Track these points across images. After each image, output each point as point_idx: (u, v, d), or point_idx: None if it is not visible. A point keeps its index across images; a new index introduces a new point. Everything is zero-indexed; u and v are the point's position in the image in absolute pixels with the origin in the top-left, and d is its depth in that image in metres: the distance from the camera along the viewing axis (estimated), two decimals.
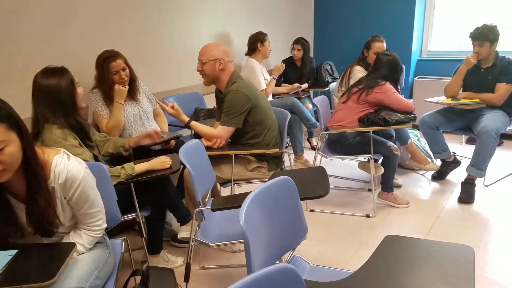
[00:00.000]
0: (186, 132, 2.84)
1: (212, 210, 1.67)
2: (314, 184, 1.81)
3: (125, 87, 2.45)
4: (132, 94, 2.57)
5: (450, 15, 4.74)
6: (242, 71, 3.75)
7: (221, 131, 2.36)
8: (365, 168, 3.12)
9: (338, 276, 1.23)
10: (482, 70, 3.12)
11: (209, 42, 2.47)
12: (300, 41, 4.14)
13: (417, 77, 4.71)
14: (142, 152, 2.34)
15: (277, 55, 4.39)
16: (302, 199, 1.56)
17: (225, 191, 2.73)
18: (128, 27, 2.95)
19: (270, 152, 2.37)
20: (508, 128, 3.12)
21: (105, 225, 1.54)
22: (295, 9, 4.92)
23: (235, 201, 1.66)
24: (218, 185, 2.56)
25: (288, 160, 3.06)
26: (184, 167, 2.24)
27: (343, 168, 3.78)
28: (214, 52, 2.36)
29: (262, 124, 2.40)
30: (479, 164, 2.94)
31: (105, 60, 2.40)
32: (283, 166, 2.54)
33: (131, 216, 2.02)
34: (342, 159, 3.26)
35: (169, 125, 2.84)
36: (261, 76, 3.71)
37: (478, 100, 3.10)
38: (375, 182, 3.20)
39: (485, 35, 2.96)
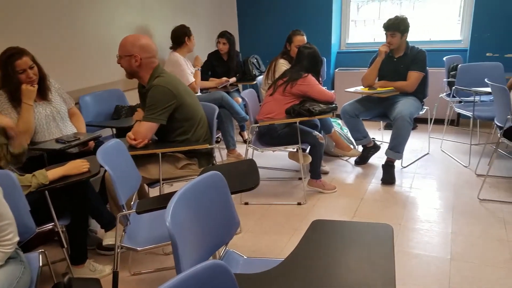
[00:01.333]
0: (106, 132, 2.67)
1: (137, 213, 1.59)
2: (244, 177, 1.80)
3: (33, 86, 2.23)
4: (42, 93, 2.35)
5: (365, 8, 5.04)
6: (165, 66, 3.62)
7: (142, 127, 2.22)
8: (295, 157, 3.21)
9: (270, 265, 1.24)
10: (395, 59, 3.37)
11: (130, 35, 2.29)
12: (225, 35, 4.10)
13: (337, 69, 4.95)
14: (56, 156, 2.15)
15: (201, 49, 4.31)
16: (232, 193, 1.55)
17: (155, 192, 2.63)
18: (35, 21, 2.68)
19: (199, 148, 2.31)
20: (420, 113, 3.41)
21: (17, 239, 1.40)
22: (218, 3, 4.88)
23: (162, 202, 1.59)
24: (146, 186, 2.45)
25: (219, 155, 3.03)
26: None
27: (274, 159, 3.86)
28: (129, 47, 2.21)
29: (190, 120, 2.33)
30: (396, 148, 3.18)
31: (9, 58, 2.16)
32: (214, 162, 2.51)
33: (48, 226, 1.85)
34: (273, 151, 3.32)
35: (87, 125, 2.65)
36: (187, 69, 3.62)
37: (392, 88, 3.34)
38: (304, 170, 3.30)
39: (396, 26, 3.19)
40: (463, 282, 2.00)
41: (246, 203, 2.99)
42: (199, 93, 3.78)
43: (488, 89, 3.06)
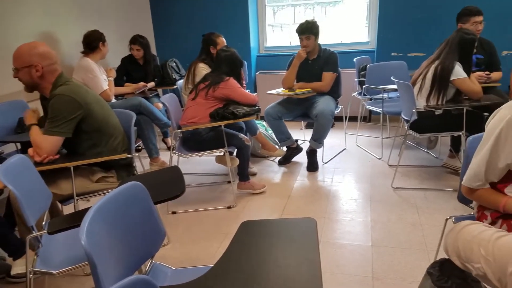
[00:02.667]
0: (9, 148, 2.39)
1: (49, 233, 1.43)
2: (168, 185, 1.73)
3: None
4: None
5: (281, 13, 5.21)
6: (75, 71, 3.37)
7: (45, 142, 2.02)
8: (222, 161, 3.19)
9: (200, 273, 1.20)
10: (310, 62, 3.53)
11: (23, 44, 2.06)
12: (137, 40, 3.90)
13: (258, 72, 5.05)
14: None
15: (114, 53, 4.08)
16: (156, 202, 1.47)
17: (69, 209, 2.41)
18: None
19: (116, 159, 2.16)
20: (336, 111, 3.60)
21: None
22: (130, 6, 4.69)
23: (75, 219, 1.46)
24: (59, 203, 2.24)
25: (141, 165, 2.89)
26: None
27: (201, 164, 3.80)
28: (26, 57, 2.00)
29: (100, 131, 2.16)
30: (319, 139, 3.44)
31: None
32: (135, 172, 2.38)
33: None
34: (199, 156, 3.26)
35: None
36: (100, 76, 3.40)
37: (310, 89, 3.49)
38: (233, 173, 3.30)
39: (310, 29, 3.34)
40: (384, 265, 2.15)
41: (174, 212, 2.89)
42: (114, 100, 3.58)
43: (395, 86, 3.34)
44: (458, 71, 2.77)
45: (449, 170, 3.29)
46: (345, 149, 3.99)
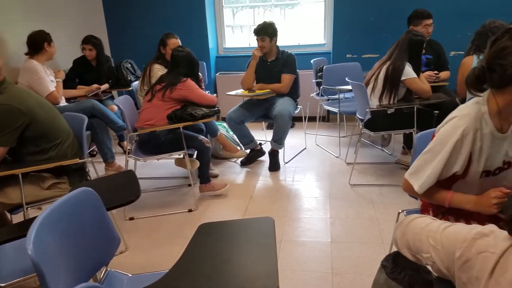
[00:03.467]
0: None
1: None
2: (123, 190, 1.68)
3: None
4: None
5: (241, 14, 5.23)
6: (20, 75, 3.18)
7: None
8: (182, 164, 3.14)
9: (156, 278, 1.17)
10: (269, 63, 3.56)
11: None
12: (90, 40, 3.77)
13: (218, 73, 5.03)
14: None
15: (65, 55, 3.91)
16: (109, 208, 1.43)
17: (19, 218, 2.27)
18: None
19: (67, 164, 2.07)
20: (295, 112, 3.66)
21: None
22: (83, 6, 4.51)
23: (23, 229, 1.38)
24: (7, 213, 2.10)
25: (94, 170, 2.78)
26: None
27: (160, 168, 3.72)
28: None
29: (46, 136, 2.07)
30: (279, 140, 3.48)
31: None
32: (88, 177, 2.28)
33: None
34: (157, 159, 3.18)
35: None
36: (46, 77, 3.22)
37: (269, 90, 3.52)
38: (193, 176, 3.26)
39: (265, 30, 3.38)
40: (343, 261, 2.20)
41: (132, 218, 2.81)
42: (65, 103, 3.42)
43: (350, 87, 3.44)
44: (408, 71, 2.90)
45: (402, 166, 3.44)
46: (305, 148, 4.06)
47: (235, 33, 5.30)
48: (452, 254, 0.86)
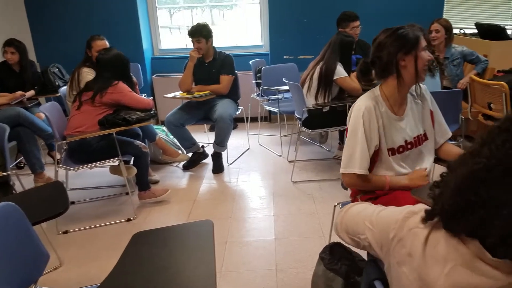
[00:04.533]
0: None
1: None
2: (50, 203, 1.57)
3: None
4: None
5: (178, 15, 5.13)
6: None
7: None
8: (117, 171, 3.00)
9: None
10: (206, 64, 3.53)
11: None
12: (12, 43, 3.47)
13: (154, 75, 4.89)
14: None
15: None
16: (35, 223, 1.32)
17: None
18: None
19: None
20: (237, 113, 3.66)
21: None
22: (2, 8, 4.15)
23: None
24: None
25: (20, 184, 2.55)
26: None
27: (95, 177, 3.52)
28: None
29: None
30: (221, 143, 3.45)
31: None
32: (14, 191, 2.10)
33: None
34: (90, 168, 3.01)
35: None
36: None
37: (209, 91, 3.49)
38: (131, 183, 3.13)
39: (199, 32, 3.34)
40: (286, 256, 2.24)
41: (65, 232, 2.63)
42: None
43: (287, 87, 3.52)
44: (340, 71, 3.03)
45: (339, 161, 3.55)
46: (248, 149, 4.08)
47: (173, 34, 5.19)
48: (386, 235, 0.90)
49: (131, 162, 2.98)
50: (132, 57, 2.97)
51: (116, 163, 2.86)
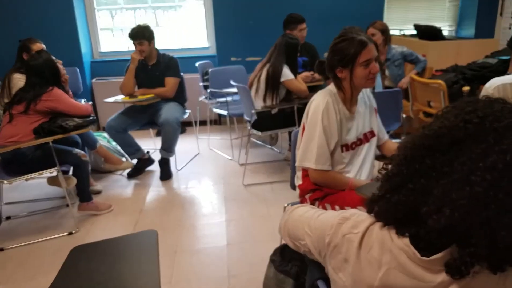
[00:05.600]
0: None
1: None
2: None
3: None
4: None
5: (120, 16, 4.91)
6: None
7: None
8: (55, 182, 2.79)
9: None
10: (149, 67, 3.40)
11: None
12: None
13: (94, 79, 4.64)
14: None
15: None
16: None
17: None
18: None
19: None
20: (184, 117, 3.56)
21: None
22: None
23: None
24: None
25: None
26: None
27: (33, 189, 3.26)
28: None
29: None
30: (169, 148, 3.33)
31: None
32: None
33: None
34: (26, 180, 2.77)
35: None
36: None
37: (153, 95, 3.36)
38: (72, 195, 2.93)
39: (141, 34, 3.22)
40: (239, 262, 2.20)
41: (1, 249, 2.41)
42: None
43: (235, 90, 3.48)
44: (286, 73, 3.05)
45: (290, 162, 3.60)
46: (198, 153, 3.99)
47: (116, 36, 4.96)
48: (323, 240, 0.89)
49: (70, 172, 2.78)
50: (69, 61, 2.79)
51: (54, 173, 2.67)
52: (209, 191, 3.16)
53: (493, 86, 1.61)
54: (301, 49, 3.36)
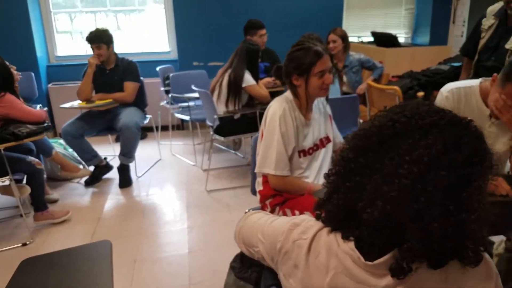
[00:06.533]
0: None
1: None
2: None
3: None
4: None
5: (80, 19, 4.74)
6: None
7: None
8: (8, 192, 2.66)
9: None
10: (108, 71, 3.32)
11: None
12: None
13: (50, 84, 4.46)
14: None
15: None
16: None
17: None
18: None
19: None
20: (145, 122, 3.50)
21: None
22: None
23: None
24: None
25: None
26: None
27: None
28: None
29: None
30: (128, 154, 3.25)
31: None
32: None
33: None
34: None
35: None
36: None
37: (111, 100, 3.28)
38: (26, 204, 2.80)
39: (100, 38, 3.14)
40: (201, 269, 2.18)
41: None
42: None
43: (197, 95, 3.47)
44: (248, 79, 3.08)
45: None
46: (160, 159, 3.92)
47: (75, 40, 4.79)
48: (274, 247, 0.90)
49: (24, 181, 2.66)
50: (24, 65, 2.67)
51: (7, 182, 2.53)
52: (171, 197, 3.12)
53: (447, 89, 1.72)
54: (262, 54, 3.40)
